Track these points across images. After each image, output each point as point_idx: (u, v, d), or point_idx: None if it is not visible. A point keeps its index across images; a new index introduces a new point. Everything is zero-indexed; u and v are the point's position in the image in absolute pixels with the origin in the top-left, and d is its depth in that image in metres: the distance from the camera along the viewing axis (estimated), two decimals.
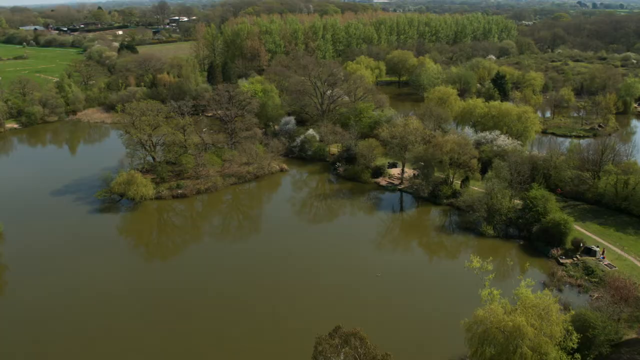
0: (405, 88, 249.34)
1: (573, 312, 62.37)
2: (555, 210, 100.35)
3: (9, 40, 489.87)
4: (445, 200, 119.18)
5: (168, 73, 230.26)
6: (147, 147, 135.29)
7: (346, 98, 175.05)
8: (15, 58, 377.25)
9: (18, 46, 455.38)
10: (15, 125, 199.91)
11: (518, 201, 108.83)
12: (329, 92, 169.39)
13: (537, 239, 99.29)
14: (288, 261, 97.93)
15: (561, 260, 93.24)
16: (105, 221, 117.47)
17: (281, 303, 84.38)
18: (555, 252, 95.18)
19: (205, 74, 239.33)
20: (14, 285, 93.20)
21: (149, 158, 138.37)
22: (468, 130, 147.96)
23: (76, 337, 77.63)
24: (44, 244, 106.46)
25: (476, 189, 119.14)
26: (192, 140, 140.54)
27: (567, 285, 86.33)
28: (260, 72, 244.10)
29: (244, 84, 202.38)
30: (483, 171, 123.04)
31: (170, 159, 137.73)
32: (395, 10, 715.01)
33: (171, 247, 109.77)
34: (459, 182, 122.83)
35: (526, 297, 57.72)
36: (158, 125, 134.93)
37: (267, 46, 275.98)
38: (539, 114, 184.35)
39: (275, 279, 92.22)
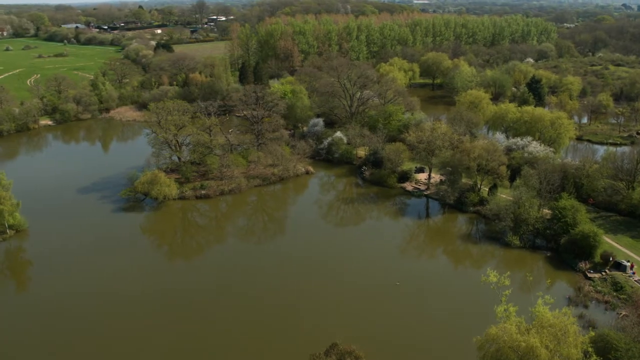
0: (439, 91, 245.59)
1: (593, 333, 59.13)
2: (584, 222, 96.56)
3: (51, 38, 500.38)
4: (471, 208, 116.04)
5: (200, 72, 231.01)
6: (172, 146, 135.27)
7: (377, 100, 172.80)
8: (56, 55, 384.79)
9: (59, 44, 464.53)
10: (50, 122, 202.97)
11: (547, 211, 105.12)
12: (358, 94, 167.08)
13: (565, 251, 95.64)
14: (311, 264, 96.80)
15: (589, 275, 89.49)
16: (128, 220, 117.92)
17: (298, 306, 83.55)
18: (583, 265, 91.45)
19: (238, 74, 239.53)
20: (36, 282, 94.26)
21: (175, 158, 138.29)
22: (499, 136, 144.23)
23: (93, 335, 77.76)
24: (67, 241, 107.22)
25: (505, 196, 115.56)
26: (217, 141, 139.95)
27: (594, 302, 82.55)
28: (292, 72, 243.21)
29: (274, 84, 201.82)
30: (513, 178, 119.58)
31: (194, 159, 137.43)
32: (434, 11, 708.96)
33: (194, 247, 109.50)
34: (487, 189, 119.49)
35: (543, 316, 54.89)
36: (183, 126, 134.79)
37: (300, 47, 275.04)
38: (575, 119, 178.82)
39: (295, 281, 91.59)
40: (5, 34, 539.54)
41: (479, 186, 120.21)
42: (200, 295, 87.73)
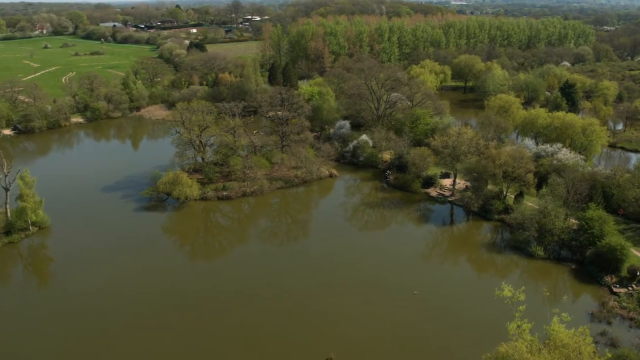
0: (470, 94, 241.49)
1: (610, 354, 56.39)
2: (612, 234, 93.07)
3: (89, 36, 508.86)
4: (496, 216, 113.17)
5: (230, 73, 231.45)
6: (196, 147, 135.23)
7: (407, 102, 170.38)
8: (92, 53, 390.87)
9: (96, 42, 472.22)
10: (81, 120, 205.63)
11: (574, 221, 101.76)
12: (385, 96, 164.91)
13: (591, 264, 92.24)
14: (331, 269, 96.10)
15: (614, 289, 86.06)
16: (150, 220, 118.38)
17: (311, 309, 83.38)
18: (608, 279, 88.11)
19: (267, 74, 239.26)
20: (57, 279, 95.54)
21: (199, 158, 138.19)
22: (528, 142, 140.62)
23: (110, 333, 78.40)
24: (89, 239, 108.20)
25: (532, 205, 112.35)
26: (240, 142, 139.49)
27: (618, 318, 79.18)
28: (322, 73, 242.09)
29: (302, 85, 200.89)
30: (541, 186, 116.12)
31: (217, 160, 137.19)
32: (472, 13, 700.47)
33: (216, 248, 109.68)
34: (513, 197, 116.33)
35: (557, 335, 52.44)
36: (207, 126, 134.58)
37: (330, 47, 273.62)
38: (610, 125, 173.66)
39: (314, 284, 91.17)
40: (44, 32, 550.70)
41: (504, 194, 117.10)
42: (218, 296, 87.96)
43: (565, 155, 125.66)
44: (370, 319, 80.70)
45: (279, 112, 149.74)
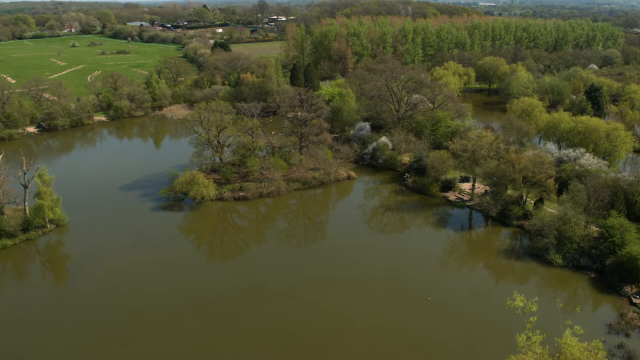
0: (495, 96, 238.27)
1: None
2: (633, 242, 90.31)
3: (116, 35, 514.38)
4: (515, 222, 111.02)
5: (252, 73, 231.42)
6: (213, 147, 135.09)
7: (428, 104, 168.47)
8: (118, 52, 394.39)
9: (123, 41, 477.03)
10: (103, 118, 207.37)
11: (594, 229, 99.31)
12: (406, 98, 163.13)
13: (610, 273, 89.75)
14: (348, 271, 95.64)
15: (634, 300, 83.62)
16: (166, 219, 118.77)
17: (326, 311, 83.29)
18: (628, 289, 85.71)
19: (289, 74, 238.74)
20: (73, 276, 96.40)
21: (216, 159, 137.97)
22: (551, 146, 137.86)
23: (124, 331, 79.19)
24: (105, 237, 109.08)
25: (552, 210, 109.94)
26: (258, 143, 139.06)
27: (637, 330, 76.89)
28: (345, 74, 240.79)
29: (323, 86, 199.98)
30: (562, 192, 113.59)
31: (235, 161, 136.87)
32: (500, 14, 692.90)
33: (232, 248, 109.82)
34: (533, 203, 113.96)
35: (568, 349, 50.79)
36: (225, 127, 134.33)
37: (353, 48, 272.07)
38: (637, 130, 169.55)
39: (330, 285, 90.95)
40: (73, 31, 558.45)
41: (524, 199, 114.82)
42: (233, 296, 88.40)
43: (588, 160, 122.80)
44: (382, 322, 79.97)
45: (298, 113, 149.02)
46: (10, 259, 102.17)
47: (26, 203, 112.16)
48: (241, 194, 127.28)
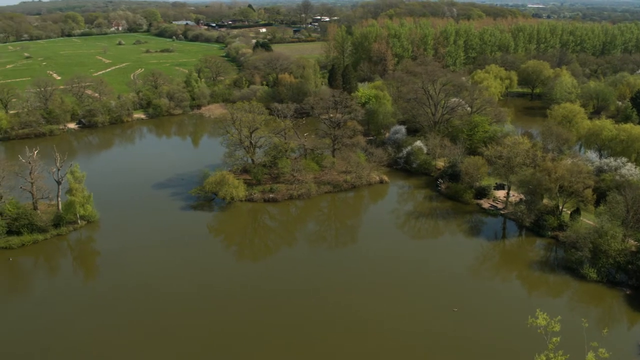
0: (537, 101, 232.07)
1: None
2: None
3: (161, 34, 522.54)
4: (549, 232, 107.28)
5: (290, 73, 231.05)
6: (245, 147, 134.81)
7: (466, 108, 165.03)
8: (162, 51, 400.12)
9: (168, 40, 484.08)
10: (143, 116, 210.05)
11: (633, 242, 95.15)
12: (443, 101, 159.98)
13: None
14: (377, 276, 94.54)
15: None
16: (196, 218, 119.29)
17: (352, 314, 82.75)
18: None
19: (328, 75, 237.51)
20: (102, 272, 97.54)
21: (248, 159, 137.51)
22: (591, 155, 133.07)
23: (149, 327, 79.95)
24: (135, 235, 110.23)
25: (589, 222, 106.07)
26: (290, 144, 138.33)
27: None
28: (383, 76, 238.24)
29: (360, 88, 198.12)
30: (601, 202, 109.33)
31: (265, 162, 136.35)
32: (548, 17, 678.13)
33: (261, 249, 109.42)
34: (569, 213, 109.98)
35: None
36: (257, 128, 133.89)
37: (394, 50, 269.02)
38: None
39: (359, 289, 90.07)
40: (120, 29, 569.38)
41: (560, 209, 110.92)
42: (256, 296, 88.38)
43: (630, 170, 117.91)
44: (407, 327, 79.12)
45: (332, 115, 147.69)
46: (41, 253, 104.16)
47: (59, 199, 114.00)
48: (271, 195, 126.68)
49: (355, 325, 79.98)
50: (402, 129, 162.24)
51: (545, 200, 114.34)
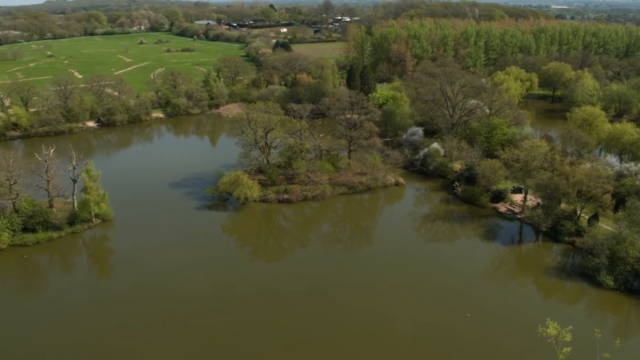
0: (558, 104, 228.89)
1: None
2: None
3: (182, 33, 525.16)
4: (567, 238, 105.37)
5: (309, 73, 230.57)
6: (260, 148, 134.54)
7: (485, 110, 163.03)
8: (183, 50, 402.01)
9: (189, 39, 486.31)
10: (161, 115, 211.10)
11: None
12: (460, 103, 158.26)
13: None
14: (389, 277, 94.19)
15: None
16: (210, 218, 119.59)
17: (362, 317, 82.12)
18: None
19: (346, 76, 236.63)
20: (115, 271, 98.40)
21: (263, 159, 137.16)
22: (611, 159, 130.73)
23: (162, 327, 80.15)
24: (148, 234, 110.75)
25: (608, 228, 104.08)
26: (305, 145, 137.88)
27: None
28: (402, 77, 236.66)
29: (378, 89, 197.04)
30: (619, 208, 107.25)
31: (280, 162, 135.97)
32: (572, 18, 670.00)
33: (276, 250, 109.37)
34: (587, 218, 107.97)
35: None
36: (272, 128, 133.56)
37: (413, 51, 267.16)
38: None
39: (373, 291, 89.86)
40: (142, 28, 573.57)
41: (578, 214, 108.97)
42: (270, 296, 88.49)
43: None
44: (418, 331, 78.80)
45: (348, 116, 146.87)
46: (54, 250, 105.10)
47: (74, 197, 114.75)
48: (285, 196, 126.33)
49: (368, 326, 79.71)
50: (420, 130, 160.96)
51: (563, 205, 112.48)
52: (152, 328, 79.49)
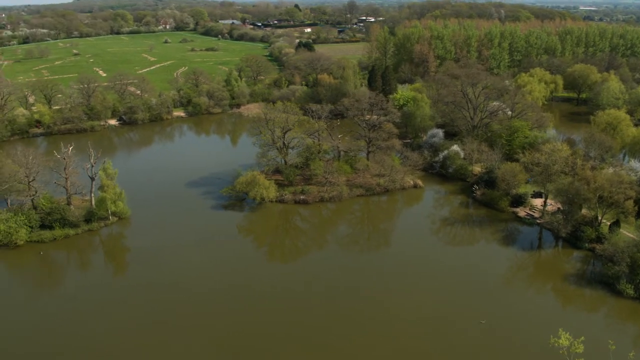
0: (583, 107, 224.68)
1: None
2: None
3: (207, 33, 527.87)
4: (587, 244, 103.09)
5: (330, 74, 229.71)
6: (278, 148, 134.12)
7: (507, 112, 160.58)
8: (207, 49, 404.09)
9: (214, 38, 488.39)
10: (182, 114, 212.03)
11: None
12: (481, 105, 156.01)
13: None
14: (405, 280, 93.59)
15: None
16: (226, 218, 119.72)
17: (374, 316, 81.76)
18: None
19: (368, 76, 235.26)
20: (131, 269, 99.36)
21: (280, 160, 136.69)
22: (635, 164, 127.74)
23: (174, 326, 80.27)
24: (165, 232, 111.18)
25: (629, 234, 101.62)
26: (322, 146, 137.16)
27: None
28: (424, 78, 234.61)
29: (399, 90, 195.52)
30: None
31: (297, 163, 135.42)
32: (600, 19, 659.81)
33: (292, 251, 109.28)
34: (608, 224, 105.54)
35: None
36: (289, 129, 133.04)
37: (436, 52, 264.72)
38: None
39: (384, 292, 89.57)
40: (167, 27, 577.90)
41: (599, 220, 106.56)
42: (286, 296, 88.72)
43: None
44: (431, 335, 78.22)
45: (367, 117, 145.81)
46: (70, 247, 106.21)
47: (92, 195, 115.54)
48: (302, 197, 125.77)
49: (382, 328, 79.37)
50: (440, 132, 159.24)
51: (584, 211, 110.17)
52: (167, 327, 79.58)
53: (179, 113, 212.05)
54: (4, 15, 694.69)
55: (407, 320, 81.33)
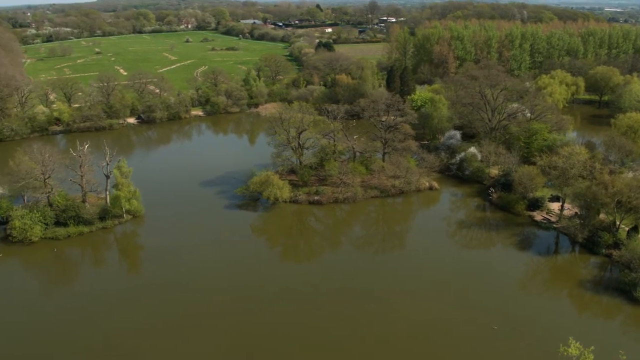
0: (605, 109, 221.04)
1: None
2: None
3: (228, 32, 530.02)
4: (604, 250, 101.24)
5: (348, 74, 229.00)
6: (293, 148, 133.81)
7: (527, 114, 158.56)
8: (228, 49, 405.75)
9: (235, 38, 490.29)
10: (200, 113, 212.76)
11: None
12: (500, 107, 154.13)
13: None
14: (419, 282, 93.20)
15: None
16: (240, 218, 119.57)
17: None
18: None
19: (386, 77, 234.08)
20: (144, 267, 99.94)
21: (295, 160, 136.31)
22: None
23: (185, 326, 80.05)
24: (178, 232, 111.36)
25: None
26: (337, 147, 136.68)
27: None
28: (443, 78, 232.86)
29: (417, 91, 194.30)
30: None
31: (311, 163, 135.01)
32: (626, 21, 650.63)
33: (306, 251, 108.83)
34: (627, 230, 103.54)
35: None
36: (304, 129, 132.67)
37: (456, 52, 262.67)
38: None
39: (398, 294, 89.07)
40: (189, 27, 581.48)
41: (617, 226, 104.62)
42: (295, 297, 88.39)
43: None
44: (442, 339, 77.33)
45: (384, 118, 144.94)
46: (84, 245, 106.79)
47: (107, 192, 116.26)
48: (316, 197, 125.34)
49: (393, 330, 78.84)
50: (457, 134, 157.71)
51: (601, 216, 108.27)
52: (179, 326, 79.55)
53: (197, 112, 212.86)
54: (29, 14, 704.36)
55: (421, 323, 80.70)
